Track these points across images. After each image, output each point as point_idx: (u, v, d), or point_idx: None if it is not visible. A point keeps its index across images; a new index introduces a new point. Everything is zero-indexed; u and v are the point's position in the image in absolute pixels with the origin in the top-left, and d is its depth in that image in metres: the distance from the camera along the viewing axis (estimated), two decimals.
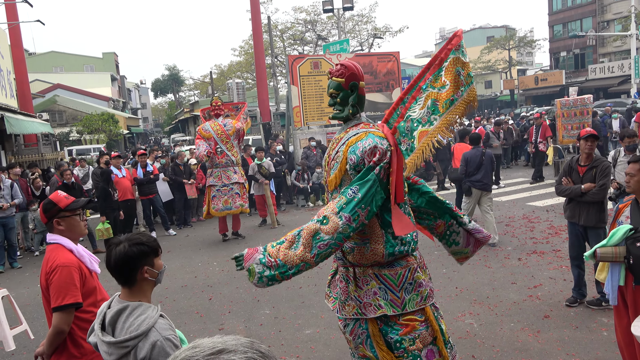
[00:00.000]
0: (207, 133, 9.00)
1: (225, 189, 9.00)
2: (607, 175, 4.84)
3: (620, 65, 35.00)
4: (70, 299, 2.62)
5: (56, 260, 2.70)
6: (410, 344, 2.76)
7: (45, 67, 46.70)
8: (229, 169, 9.07)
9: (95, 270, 2.90)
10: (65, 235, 2.85)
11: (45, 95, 35.49)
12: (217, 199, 8.96)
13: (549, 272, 6.16)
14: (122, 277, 2.08)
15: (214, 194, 8.99)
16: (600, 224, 4.94)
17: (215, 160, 8.99)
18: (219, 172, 9.04)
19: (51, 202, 2.85)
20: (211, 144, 8.93)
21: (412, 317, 2.81)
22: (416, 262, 2.95)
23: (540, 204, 10.20)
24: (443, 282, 6.14)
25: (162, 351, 1.92)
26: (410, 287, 2.85)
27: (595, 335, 4.45)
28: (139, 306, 2.04)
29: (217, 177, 9.04)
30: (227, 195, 8.99)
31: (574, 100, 12.56)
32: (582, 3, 40.16)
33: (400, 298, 2.81)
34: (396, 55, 16.51)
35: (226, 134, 9.02)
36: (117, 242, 2.10)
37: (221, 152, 8.96)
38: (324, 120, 15.29)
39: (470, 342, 4.50)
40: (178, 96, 67.66)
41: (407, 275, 2.86)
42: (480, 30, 63.37)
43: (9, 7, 17.08)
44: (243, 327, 5.28)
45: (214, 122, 9.11)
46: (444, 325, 2.99)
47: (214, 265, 7.91)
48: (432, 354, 2.83)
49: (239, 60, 39.77)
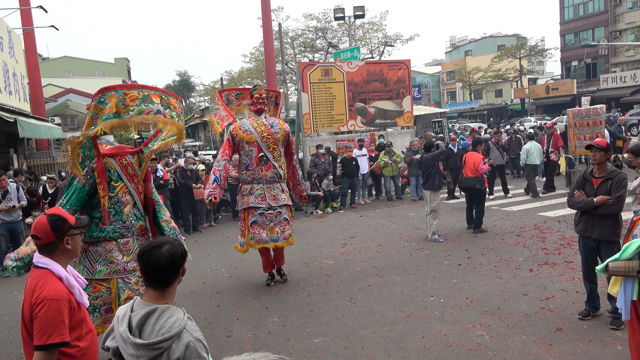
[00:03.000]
0: (249, 135, 6.64)
1: (271, 214, 6.68)
2: (623, 187, 4.73)
3: (633, 75, 34.76)
4: (57, 338, 2.33)
5: (44, 291, 2.40)
6: (93, 299, 4.34)
7: (58, 72, 47.25)
8: (275, 186, 6.75)
9: (84, 304, 2.62)
10: (64, 257, 2.60)
11: (57, 99, 35.82)
12: (260, 227, 6.65)
13: (561, 283, 6.08)
14: (167, 278, 2.10)
15: (254, 219, 6.66)
16: (614, 238, 4.83)
17: (258, 173, 6.68)
18: (262, 189, 6.69)
19: (62, 219, 2.57)
20: (252, 151, 6.67)
21: (99, 282, 4.40)
22: (115, 246, 4.49)
23: (552, 214, 10.10)
24: (453, 292, 6.07)
25: (194, 352, 1.97)
26: (104, 262, 4.42)
27: (609, 350, 4.37)
28: (168, 309, 2.06)
29: (260, 197, 6.68)
30: (274, 222, 6.69)
31: (587, 110, 12.45)
32: (594, 12, 39.97)
33: (93, 267, 4.41)
34: (407, 63, 16.50)
35: (274, 137, 6.70)
36: (158, 245, 2.10)
37: (266, 163, 6.67)
38: (334, 127, 15.30)
39: (481, 354, 4.44)
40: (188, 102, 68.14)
41: (102, 253, 4.43)
42: (491, 38, 63.29)
43: (23, 12, 17.32)
44: (251, 335, 5.25)
45: (256, 120, 6.79)
46: (124, 295, 4.45)
47: (222, 271, 7.90)
48: (109, 311, 4.42)
49: (250, 66, 39.98)
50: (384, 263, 7.59)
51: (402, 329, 5.09)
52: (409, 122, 16.69)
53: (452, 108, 55.28)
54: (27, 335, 2.47)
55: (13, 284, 7.99)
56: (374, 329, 5.13)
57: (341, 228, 10.60)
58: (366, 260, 7.82)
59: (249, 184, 6.72)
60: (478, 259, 7.43)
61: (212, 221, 12.23)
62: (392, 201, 13.60)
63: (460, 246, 8.26)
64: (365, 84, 15.70)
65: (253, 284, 7.10)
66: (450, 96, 63.01)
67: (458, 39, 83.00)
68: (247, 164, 6.71)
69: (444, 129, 18.37)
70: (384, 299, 6.01)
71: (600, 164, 4.90)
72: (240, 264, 8.19)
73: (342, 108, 15.36)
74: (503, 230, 9.12)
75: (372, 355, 4.58)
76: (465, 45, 68.49)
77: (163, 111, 4.42)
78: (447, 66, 63.27)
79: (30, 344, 2.42)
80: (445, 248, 8.21)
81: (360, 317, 5.51)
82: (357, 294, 6.27)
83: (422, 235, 9.19)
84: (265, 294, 6.54)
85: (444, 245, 8.42)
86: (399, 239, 9.11)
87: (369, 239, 9.29)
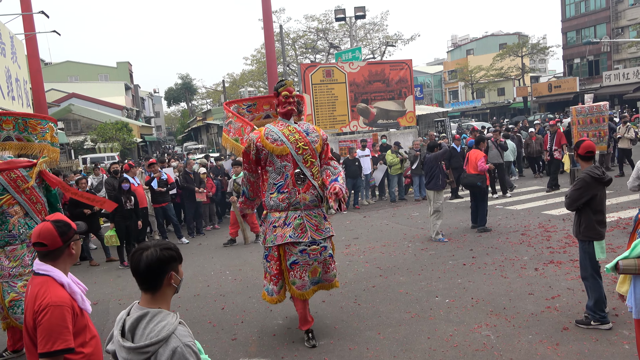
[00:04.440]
0: (280, 146, 4.84)
1: (314, 250, 4.88)
2: (574, 186, 4.79)
3: (636, 71, 34.64)
4: (61, 345, 2.33)
5: (46, 298, 2.39)
6: None
7: (60, 77, 47.47)
8: (316, 212, 5.00)
9: (87, 309, 2.60)
10: (67, 263, 2.59)
11: (60, 104, 36.02)
12: (302, 269, 4.85)
13: (566, 282, 6.04)
14: (149, 281, 2.09)
15: (295, 259, 4.84)
16: (580, 237, 4.86)
17: (295, 196, 4.87)
18: (302, 218, 4.89)
19: (67, 224, 2.58)
20: (286, 167, 4.86)
21: None
22: (1, 252, 5.12)
23: (557, 213, 10.05)
24: (458, 292, 6.05)
25: (182, 357, 1.94)
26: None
27: (617, 349, 4.33)
28: (159, 313, 2.05)
29: (300, 228, 4.84)
30: (318, 261, 4.93)
31: (590, 108, 12.39)
32: (595, 9, 39.84)
33: None
34: (408, 63, 16.49)
35: (311, 148, 4.97)
36: (145, 247, 2.10)
37: (304, 182, 4.88)
38: (336, 128, 15.28)
39: (487, 354, 4.41)
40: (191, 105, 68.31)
41: None
42: (492, 37, 63.14)
43: (26, 18, 17.35)
44: (256, 338, 5.23)
45: (286, 125, 5.00)
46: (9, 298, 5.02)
47: (226, 274, 7.89)
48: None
49: (251, 69, 40.06)
50: (389, 264, 7.57)
51: (408, 330, 5.06)
52: (412, 122, 16.68)
53: (454, 107, 55.22)
54: (31, 344, 2.45)
55: None
56: (379, 331, 5.11)
57: (345, 229, 10.57)
58: (370, 261, 7.80)
59: (282, 212, 4.91)
60: (483, 258, 7.40)
61: (216, 224, 12.24)
62: (395, 202, 13.57)
63: (465, 246, 8.23)
64: (367, 84, 15.69)
65: (257, 286, 7.08)
66: (453, 95, 62.92)
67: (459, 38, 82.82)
68: (280, 185, 4.88)
69: (446, 128, 18.33)
70: (389, 300, 5.99)
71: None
72: (244, 267, 8.18)
73: (344, 109, 15.35)
74: (507, 230, 9.08)
75: (378, 356, 4.56)
76: (466, 44, 68.35)
77: (18, 135, 5.36)
78: (448, 65, 63.18)
79: (34, 353, 2.40)
80: (449, 248, 8.18)
81: (365, 318, 5.49)
82: (362, 295, 6.25)
83: (426, 235, 9.16)
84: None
85: (448, 245, 8.39)
86: (403, 240, 9.08)
87: (372, 240, 9.27)
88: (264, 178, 5.09)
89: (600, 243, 4.72)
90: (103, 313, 6.40)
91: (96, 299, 7.00)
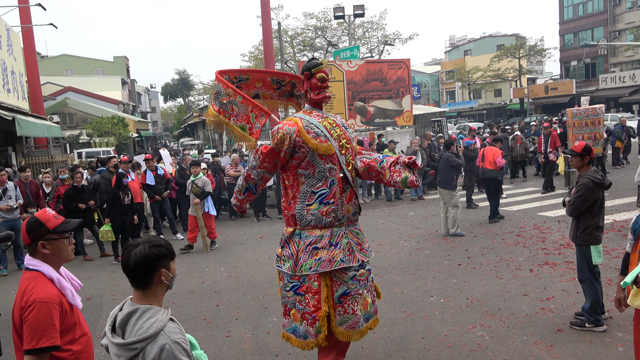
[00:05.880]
0: (324, 143, 3.69)
1: (362, 275, 3.83)
2: (578, 193, 4.72)
3: (632, 75, 34.80)
4: (47, 342, 2.27)
5: (34, 294, 2.33)
6: None
7: (57, 70, 47.13)
8: (357, 227, 4.04)
9: (77, 305, 2.52)
10: (49, 261, 2.47)
11: (56, 97, 35.77)
12: (354, 300, 3.75)
13: (561, 284, 6.06)
14: (139, 278, 2.08)
15: (346, 289, 3.73)
16: (577, 241, 4.84)
17: (341, 209, 3.78)
18: (347, 234, 3.83)
19: (38, 222, 2.45)
20: (331, 171, 3.71)
21: None
22: None
23: (552, 214, 10.08)
24: (453, 292, 6.05)
25: (170, 355, 1.92)
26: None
27: (611, 351, 4.35)
28: (149, 309, 2.04)
29: (348, 249, 3.80)
30: (367, 289, 3.90)
31: (585, 110, 12.45)
32: (593, 12, 39.99)
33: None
34: (407, 63, 16.49)
35: (352, 146, 3.98)
36: (135, 244, 2.09)
37: (346, 189, 3.81)
38: None
39: (482, 355, 4.41)
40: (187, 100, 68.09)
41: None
42: (490, 38, 63.27)
43: (22, 10, 17.22)
44: (250, 335, 5.22)
45: (324, 116, 3.90)
46: None
47: (221, 270, 7.86)
48: None
49: (249, 65, 39.89)
50: (384, 263, 7.57)
51: (402, 330, 5.06)
52: (409, 122, 16.68)
53: (451, 107, 55.29)
54: (18, 340, 2.40)
55: (11, 282, 7.94)
56: (374, 330, 5.10)
57: None
58: None
59: (326, 229, 3.74)
60: (478, 259, 7.41)
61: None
62: (391, 201, 13.57)
63: (460, 246, 8.24)
64: (365, 83, 15.68)
65: (252, 283, 7.07)
66: (450, 96, 63.02)
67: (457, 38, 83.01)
68: (323, 194, 3.71)
69: (443, 128, 18.36)
70: (384, 299, 5.97)
71: (578, 168, 4.92)
72: (239, 264, 8.16)
73: (341, 107, 15.33)
74: (503, 230, 9.10)
75: (373, 356, 4.56)
76: (464, 44, 68.48)
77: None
78: (446, 66, 63.27)
79: (21, 349, 2.35)
80: (445, 248, 8.19)
81: None
82: None
83: (422, 235, 9.17)
84: (265, 294, 6.51)
85: (443, 245, 8.40)
86: (398, 239, 9.09)
87: (368, 239, 9.23)
88: (292, 184, 3.83)
89: (597, 247, 4.72)
90: (96, 308, 6.37)
91: (90, 294, 6.96)
